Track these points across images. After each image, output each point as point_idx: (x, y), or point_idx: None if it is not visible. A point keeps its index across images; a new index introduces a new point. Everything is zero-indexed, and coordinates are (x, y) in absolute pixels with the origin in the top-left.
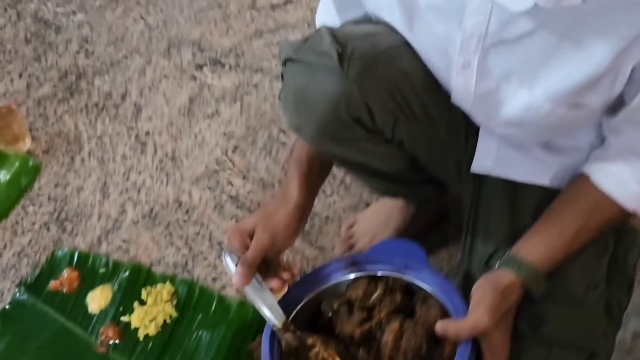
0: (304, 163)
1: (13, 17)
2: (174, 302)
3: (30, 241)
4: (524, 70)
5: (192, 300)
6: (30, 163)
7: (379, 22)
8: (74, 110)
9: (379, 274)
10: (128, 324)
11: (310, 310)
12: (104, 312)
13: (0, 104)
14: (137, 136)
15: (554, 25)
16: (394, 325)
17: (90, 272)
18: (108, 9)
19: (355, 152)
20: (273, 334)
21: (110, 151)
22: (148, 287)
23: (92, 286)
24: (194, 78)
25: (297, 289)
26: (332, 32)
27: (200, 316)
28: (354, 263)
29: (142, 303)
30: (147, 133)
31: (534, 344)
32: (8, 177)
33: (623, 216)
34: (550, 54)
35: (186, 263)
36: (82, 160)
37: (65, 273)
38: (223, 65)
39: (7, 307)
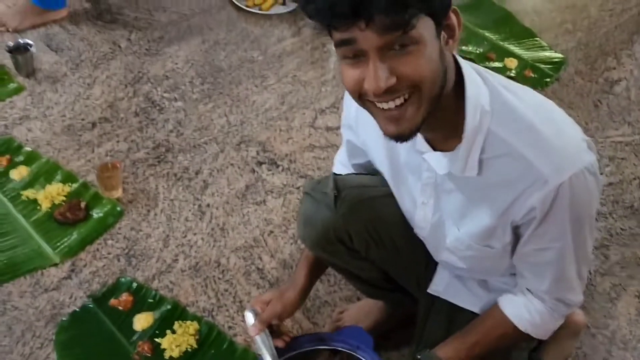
0: (311, 261)
1: (130, 93)
2: (197, 337)
3: (103, 266)
4: (455, 214)
5: (210, 338)
6: (118, 208)
7: (376, 172)
8: (158, 175)
9: (339, 348)
10: (159, 344)
11: None
12: (144, 332)
13: (108, 159)
14: (199, 206)
15: (464, 188)
16: None
17: (142, 299)
18: (202, 102)
19: (340, 261)
20: None
21: (177, 212)
22: (180, 321)
23: (140, 310)
24: (253, 171)
25: (281, 349)
26: (335, 179)
27: (212, 352)
28: (322, 338)
29: (173, 332)
30: (208, 205)
31: None
32: (100, 215)
33: (518, 335)
34: (465, 207)
35: (212, 310)
36: (155, 214)
37: (124, 296)
38: (278, 167)
39: (77, 310)
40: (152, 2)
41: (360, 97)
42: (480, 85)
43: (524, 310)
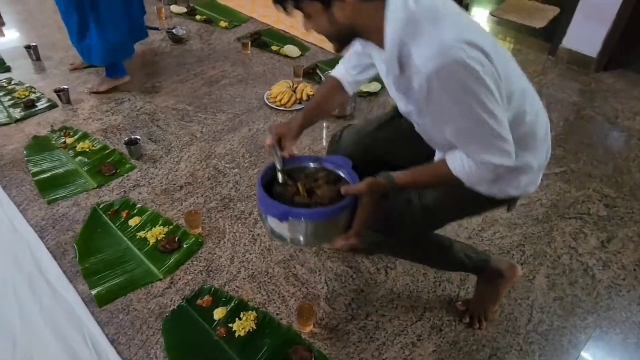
0: (306, 114)
1: (204, 165)
2: (255, 321)
3: (191, 278)
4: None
5: (264, 322)
6: (199, 240)
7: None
8: (225, 217)
9: (327, 167)
10: (231, 327)
11: (288, 172)
12: (220, 320)
13: (192, 208)
14: (252, 235)
15: (403, 79)
16: (324, 188)
17: (218, 299)
18: (250, 168)
19: None
20: (265, 175)
21: (238, 240)
22: (244, 312)
23: (217, 306)
24: None
25: (288, 161)
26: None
27: (267, 331)
28: (317, 159)
29: (240, 319)
30: (258, 234)
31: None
32: (188, 245)
33: (453, 178)
34: (407, 90)
35: (265, 303)
36: (224, 243)
37: (206, 297)
38: None
39: (175, 308)
40: (215, 107)
41: None
42: (400, 20)
43: (459, 161)
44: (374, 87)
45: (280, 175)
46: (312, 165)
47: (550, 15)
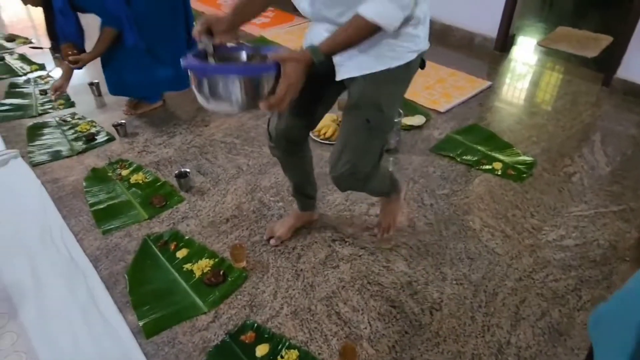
0: (236, 7)
1: (249, 198)
2: None
3: (235, 313)
4: None
5: None
6: (243, 274)
7: None
8: (268, 251)
9: (265, 53)
10: None
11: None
12: (263, 357)
13: (237, 241)
14: (295, 270)
15: None
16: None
17: (261, 335)
18: (294, 201)
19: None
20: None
21: (282, 275)
22: (286, 349)
23: (260, 342)
24: (330, 246)
25: (223, 49)
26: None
27: None
28: (255, 48)
29: (282, 357)
30: (301, 270)
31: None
32: (232, 279)
33: (370, 27)
34: None
35: (307, 342)
36: (267, 277)
37: (249, 333)
38: (346, 242)
39: (219, 343)
40: (261, 140)
41: None
42: None
43: (371, 5)
44: (418, 120)
45: (211, 60)
46: (248, 52)
47: (603, 44)
